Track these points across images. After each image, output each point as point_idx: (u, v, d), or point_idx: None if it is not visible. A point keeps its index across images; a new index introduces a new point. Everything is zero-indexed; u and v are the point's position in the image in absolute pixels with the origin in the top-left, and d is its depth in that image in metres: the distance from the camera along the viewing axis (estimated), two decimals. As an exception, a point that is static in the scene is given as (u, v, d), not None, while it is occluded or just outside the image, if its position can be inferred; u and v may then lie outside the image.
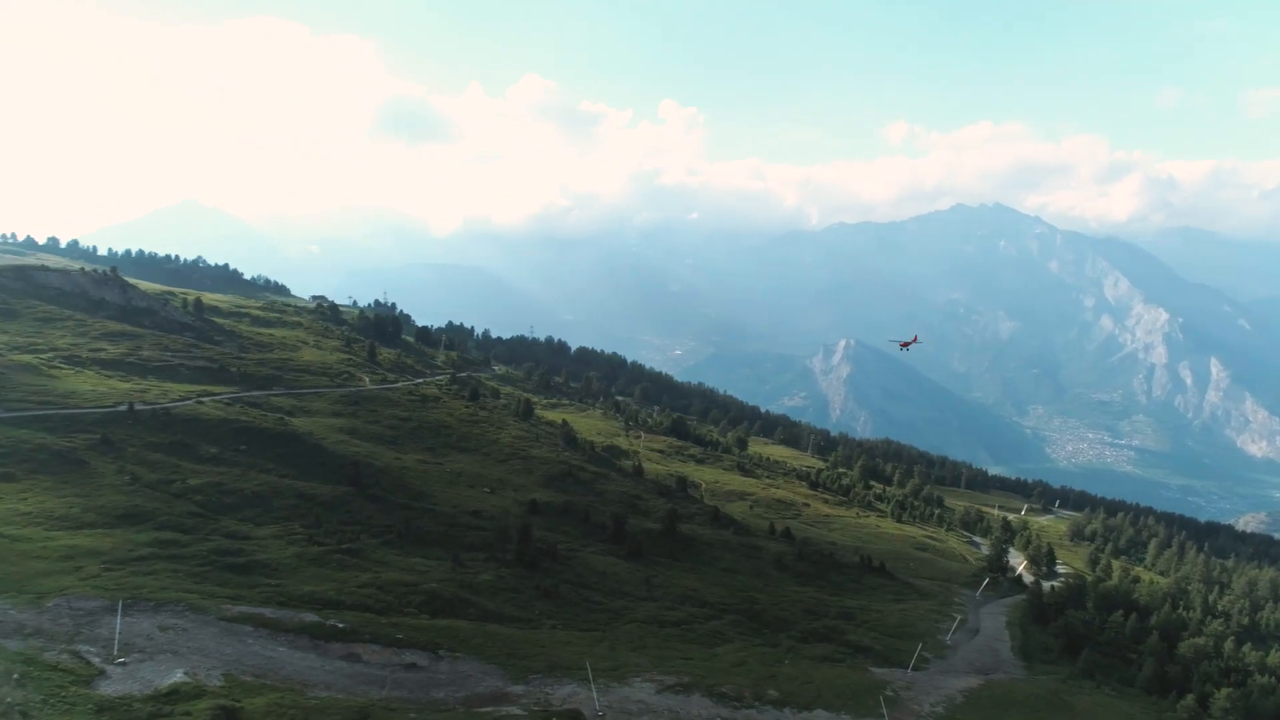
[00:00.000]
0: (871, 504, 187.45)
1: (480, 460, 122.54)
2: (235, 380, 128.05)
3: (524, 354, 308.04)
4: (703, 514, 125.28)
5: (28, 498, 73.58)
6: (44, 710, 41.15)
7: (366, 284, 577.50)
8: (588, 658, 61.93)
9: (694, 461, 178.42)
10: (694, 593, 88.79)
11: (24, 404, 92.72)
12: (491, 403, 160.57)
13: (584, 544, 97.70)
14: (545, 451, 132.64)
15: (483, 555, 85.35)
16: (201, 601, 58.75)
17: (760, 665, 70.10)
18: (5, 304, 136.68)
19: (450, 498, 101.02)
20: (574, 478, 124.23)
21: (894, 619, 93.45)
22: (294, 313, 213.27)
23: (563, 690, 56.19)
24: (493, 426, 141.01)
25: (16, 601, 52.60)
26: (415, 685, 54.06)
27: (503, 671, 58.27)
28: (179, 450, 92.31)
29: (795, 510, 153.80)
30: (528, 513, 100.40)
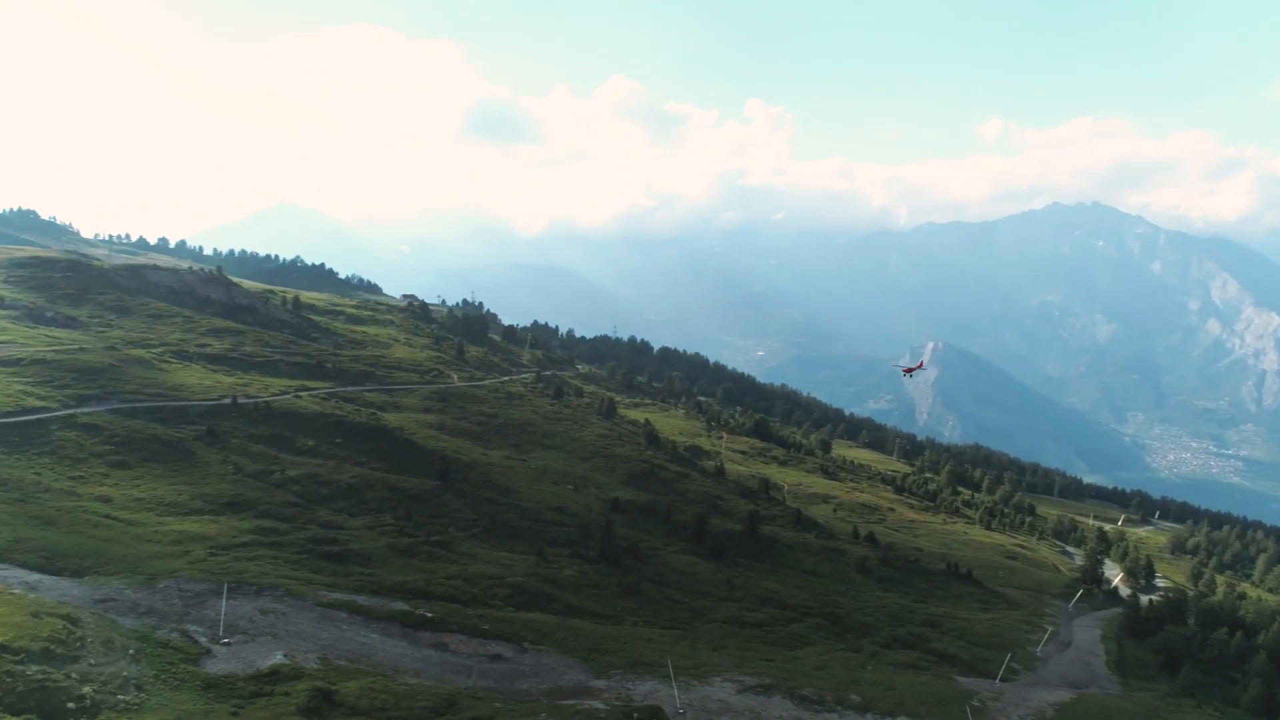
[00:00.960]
0: (959, 510, 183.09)
1: (564, 457, 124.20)
2: (331, 376, 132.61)
3: (607, 353, 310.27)
4: (785, 516, 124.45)
5: (141, 484, 77.79)
6: (156, 685, 43.62)
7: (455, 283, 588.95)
8: (669, 655, 62.38)
9: (776, 463, 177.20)
10: (775, 595, 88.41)
11: (137, 396, 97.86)
12: (575, 401, 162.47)
13: (665, 543, 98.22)
14: (628, 450, 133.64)
15: (566, 551, 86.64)
16: (299, 587, 61.30)
17: (842, 670, 69.47)
18: (120, 302, 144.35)
19: (535, 494, 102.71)
20: (656, 477, 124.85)
21: (981, 628, 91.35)
22: (386, 311, 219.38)
23: (644, 686, 56.76)
24: (576, 424, 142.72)
25: (131, 582, 55.81)
26: (500, 676, 55.36)
27: (585, 666, 59.18)
28: (278, 442, 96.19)
29: (880, 515, 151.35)
30: (610, 510, 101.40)
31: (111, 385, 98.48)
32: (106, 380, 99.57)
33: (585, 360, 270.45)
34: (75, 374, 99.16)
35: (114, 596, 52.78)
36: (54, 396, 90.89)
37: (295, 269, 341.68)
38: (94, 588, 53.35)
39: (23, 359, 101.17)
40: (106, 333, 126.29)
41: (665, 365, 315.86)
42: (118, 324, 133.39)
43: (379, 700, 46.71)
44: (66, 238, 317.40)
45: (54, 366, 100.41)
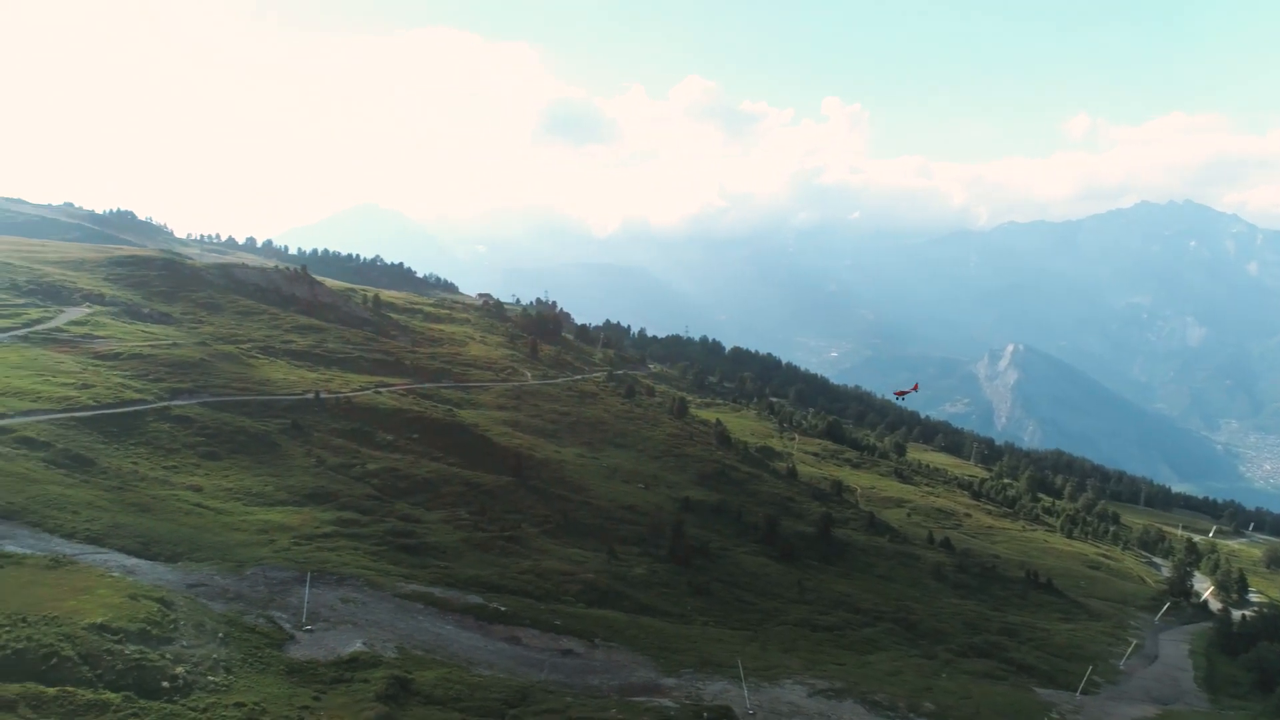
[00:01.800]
0: (1039, 517, 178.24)
1: (635, 456, 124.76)
2: (408, 373, 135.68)
3: (679, 353, 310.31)
4: (858, 519, 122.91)
5: (229, 475, 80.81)
6: (243, 668, 45.32)
7: (529, 283, 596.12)
8: (739, 656, 62.24)
9: (849, 466, 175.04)
10: (847, 598, 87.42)
11: (227, 389, 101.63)
12: (647, 400, 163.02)
13: (736, 543, 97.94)
14: (699, 450, 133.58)
15: (637, 549, 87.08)
16: (378, 578, 62.93)
17: (916, 676, 68.37)
18: (211, 299, 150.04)
19: (606, 492, 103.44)
20: (727, 477, 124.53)
21: (1062, 639, 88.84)
22: (462, 309, 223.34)
23: (713, 686, 56.75)
24: (648, 424, 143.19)
25: (220, 568, 58.07)
26: (572, 671, 55.98)
27: (655, 664, 59.44)
28: (359, 436, 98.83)
29: (956, 520, 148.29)
30: (681, 510, 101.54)
31: (202, 379, 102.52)
32: (198, 374, 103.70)
33: (657, 360, 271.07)
34: (169, 368, 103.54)
35: (204, 582, 54.98)
36: (150, 389, 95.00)
37: (375, 268, 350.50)
38: (186, 573, 55.64)
39: (121, 353, 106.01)
40: (198, 329, 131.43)
41: (737, 366, 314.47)
42: (208, 320, 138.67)
43: (454, 691, 47.71)
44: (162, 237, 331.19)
45: (150, 361, 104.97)
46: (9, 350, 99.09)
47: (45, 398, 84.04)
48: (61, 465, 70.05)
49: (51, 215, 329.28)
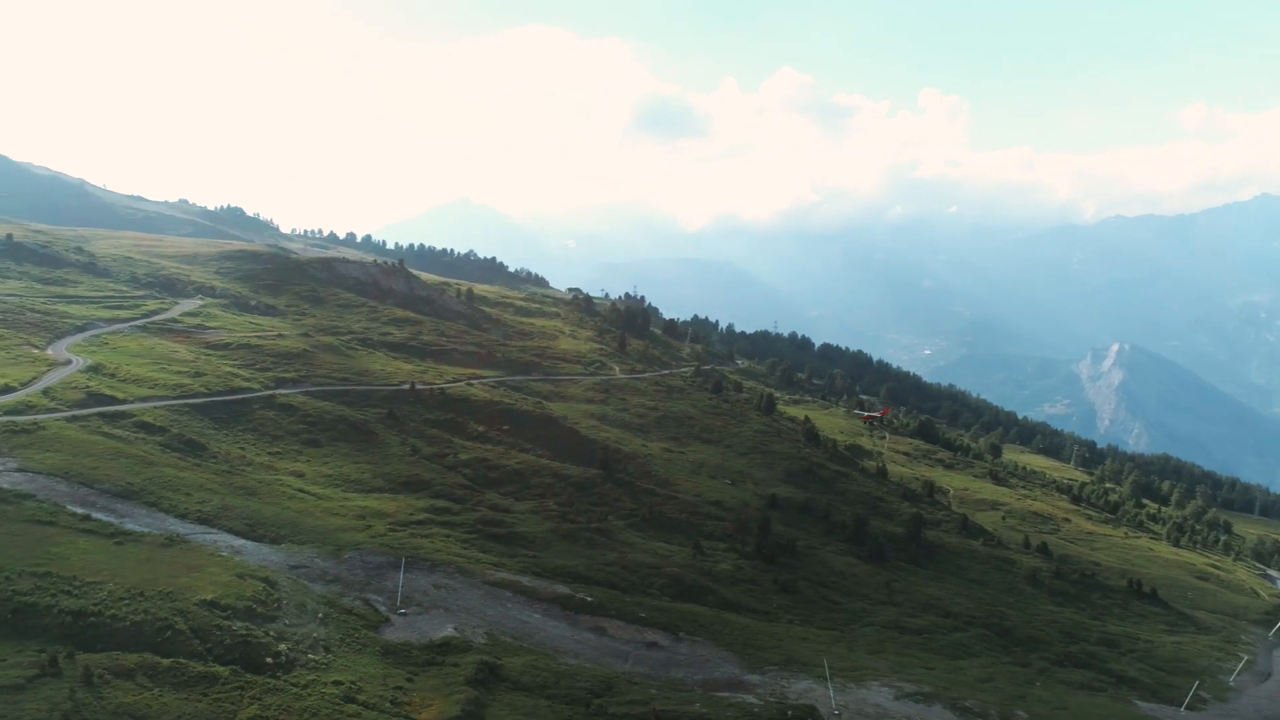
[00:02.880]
0: (1143, 524, 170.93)
1: (722, 452, 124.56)
2: (500, 365, 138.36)
3: (767, 349, 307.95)
4: (950, 521, 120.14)
5: (329, 462, 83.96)
6: (341, 647, 47.18)
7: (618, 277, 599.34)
8: (825, 656, 61.76)
9: (942, 466, 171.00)
10: (937, 601, 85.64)
11: (328, 380, 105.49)
12: (734, 396, 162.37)
13: (823, 542, 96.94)
14: (786, 447, 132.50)
15: (722, 545, 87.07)
16: (469, 565, 64.56)
17: (1009, 684, 66.61)
18: (314, 292, 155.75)
19: (692, 487, 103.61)
20: (815, 475, 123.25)
21: (1166, 651, 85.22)
22: (552, 304, 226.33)
23: (798, 685, 56.46)
24: (735, 419, 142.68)
25: (321, 551, 60.46)
26: (656, 663, 56.46)
27: (739, 660, 59.46)
28: (452, 427, 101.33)
29: (1054, 525, 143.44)
30: (767, 506, 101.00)
31: (305, 369, 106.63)
32: (301, 365, 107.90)
33: (745, 355, 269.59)
34: (275, 358, 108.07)
35: (306, 564, 57.36)
36: (257, 378, 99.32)
37: (469, 262, 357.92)
38: (289, 555, 58.13)
39: (231, 343, 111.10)
40: (301, 320, 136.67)
41: (826, 362, 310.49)
42: (311, 312, 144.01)
43: (540, 678, 48.69)
44: (268, 233, 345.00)
45: (257, 351, 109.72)
46: (129, 339, 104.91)
47: (161, 385, 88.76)
48: (176, 449, 73.95)
49: (168, 212, 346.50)
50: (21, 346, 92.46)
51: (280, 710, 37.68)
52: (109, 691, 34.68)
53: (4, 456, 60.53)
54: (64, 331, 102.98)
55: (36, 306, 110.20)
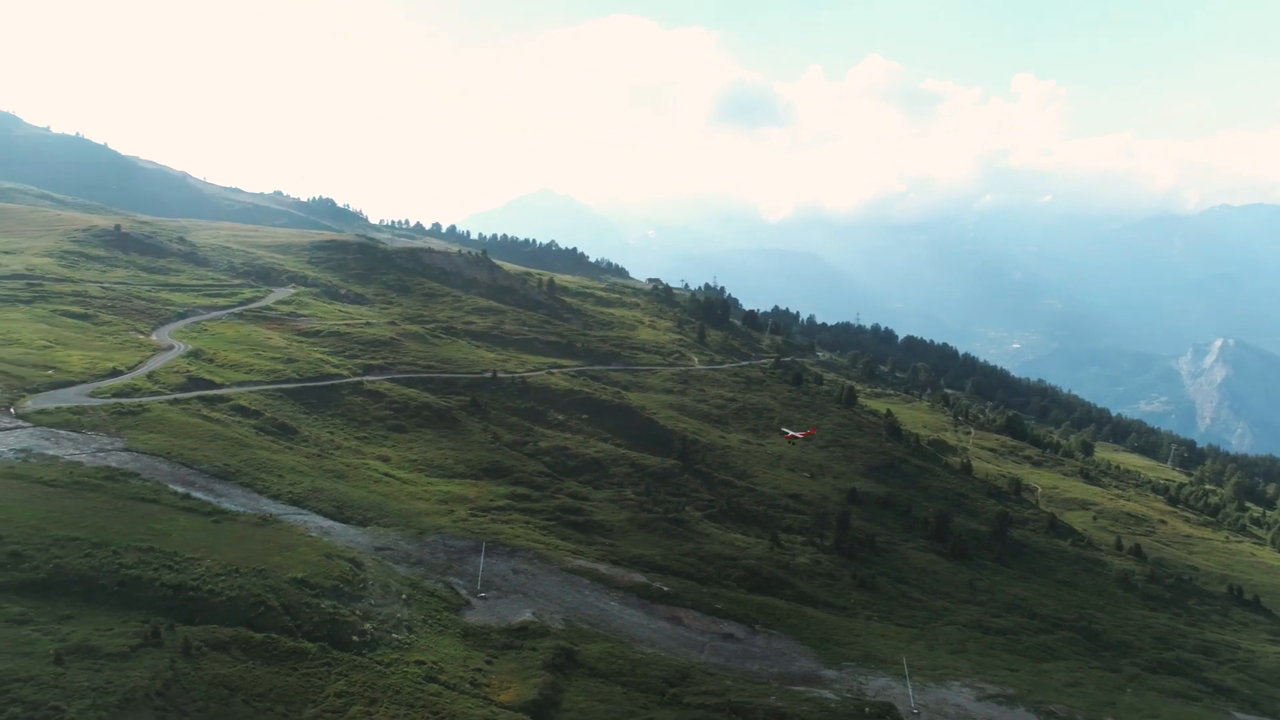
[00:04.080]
0: (1246, 528, 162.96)
1: (801, 445, 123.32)
2: (580, 355, 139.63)
3: (849, 341, 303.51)
4: (1037, 520, 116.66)
5: (414, 447, 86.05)
6: (423, 628, 48.43)
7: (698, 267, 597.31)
8: (904, 653, 60.81)
9: (1029, 464, 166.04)
10: (1023, 602, 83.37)
11: (412, 367, 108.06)
12: (814, 388, 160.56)
13: (904, 538, 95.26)
14: (867, 441, 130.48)
15: (800, 538, 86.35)
16: (547, 552, 65.49)
17: (1097, 689, 64.51)
18: (400, 281, 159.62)
19: (771, 479, 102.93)
20: (896, 470, 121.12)
21: (1269, 662, 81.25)
22: (632, 294, 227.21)
23: (876, 682, 55.73)
24: (815, 412, 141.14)
25: (405, 534, 62.09)
26: (732, 654, 56.41)
27: (816, 654, 58.96)
28: (532, 415, 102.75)
29: (1148, 526, 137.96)
30: (847, 501, 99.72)
31: (392, 357, 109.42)
32: (388, 352, 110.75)
33: (826, 347, 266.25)
34: (363, 345, 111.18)
35: (390, 546, 58.99)
36: (345, 365, 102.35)
37: (550, 252, 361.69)
38: (374, 537, 59.86)
39: (321, 330, 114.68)
40: (388, 309, 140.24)
41: (910, 355, 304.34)
42: (398, 301, 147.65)
43: (616, 665, 49.16)
44: (358, 223, 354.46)
45: (346, 338, 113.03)
46: (227, 326, 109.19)
47: (256, 370, 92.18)
48: (269, 432, 76.77)
49: (264, 203, 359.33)
50: (129, 332, 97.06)
51: (365, 687, 38.92)
52: (206, 663, 36.31)
53: (112, 436, 63.73)
54: (167, 318, 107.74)
55: (142, 294, 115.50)
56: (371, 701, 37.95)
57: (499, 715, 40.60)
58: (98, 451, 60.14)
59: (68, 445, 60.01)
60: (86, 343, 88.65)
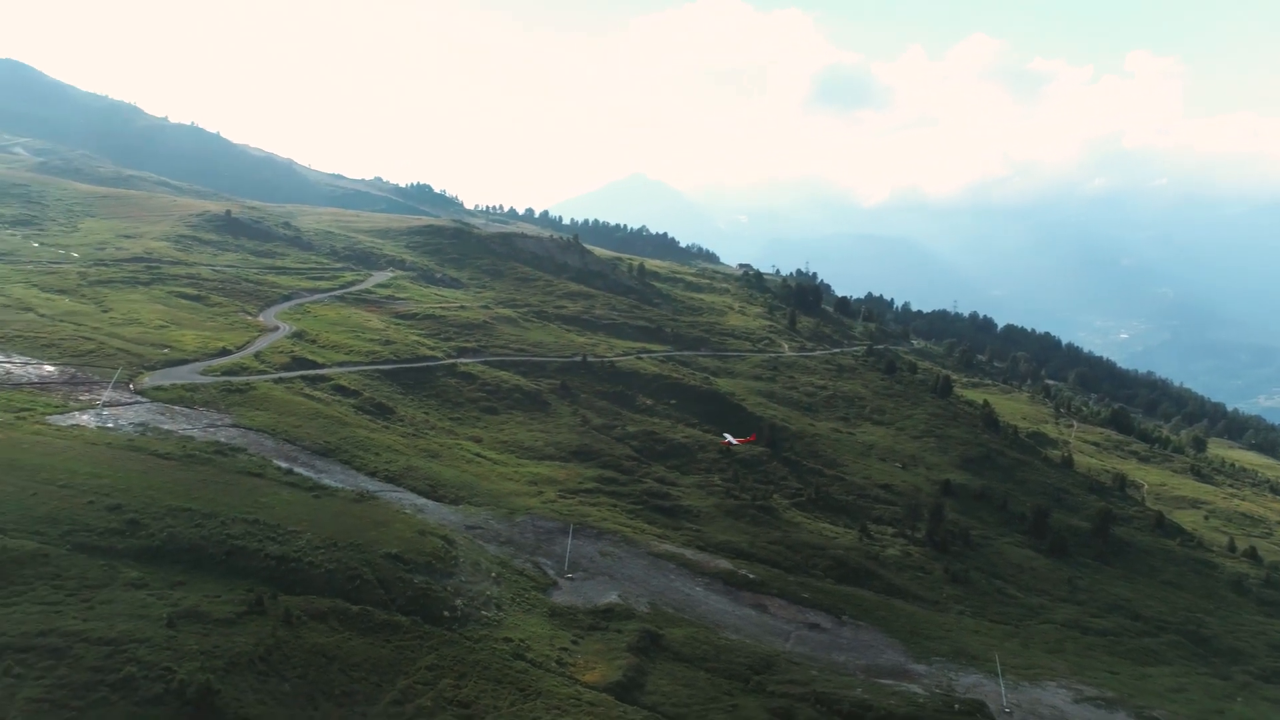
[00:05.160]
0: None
1: (893, 434, 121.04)
2: (669, 340, 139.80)
3: (945, 329, 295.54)
4: (1142, 518, 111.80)
5: (505, 429, 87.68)
6: (512, 606, 49.38)
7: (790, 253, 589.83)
8: (997, 651, 59.22)
9: (1136, 459, 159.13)
10: (1125, 603, 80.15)
11: (504, 350, 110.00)
12: (908, 377, 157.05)
13: (999, 533, 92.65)
14: (962, 432, 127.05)
15: (891, 530, 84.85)
16: (634, 535, 65.94)
17: (1204, 697, 61.59)
18: (494, 266, 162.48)
19: (861, 469, 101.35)
20: (992, 462, 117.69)
21: (1398, 676, 76.20)
22: (722, 279, 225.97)
23: (967, 679, 54.43)
24: (908, 401, 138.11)
25: (495, 514, 63.38)
26: (817, 644, 55.87)
27: (905, 648, 57.91)
28: (620, 399, 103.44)
29: (1266, 528, 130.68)
30: (940, 493, 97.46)
31: (485, 340, 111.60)
32: (481, 335, 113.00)
33: (921, 335, 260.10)
34: (457, 328, 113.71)
35: (481, 525, 60.29)
36: (440, 347, 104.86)
37: (641, 238, 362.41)
38: (466, 516, 61.27)
39: (418, 314, 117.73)
40: (482, 293, 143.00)
41: (1009, 344, 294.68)
42: (491, 285, 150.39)
43: (701, 650, 49.24)
44: (453, 208, 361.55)
45: (441, 321, 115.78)
46: (328, 308, 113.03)
47: (356, 351, 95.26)
48: (368, 411, 79.28)
49: (364, 189, 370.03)
50: (237, 313, 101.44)
51: (454, 662, 39.94)
52: (305, 632, 37.80)
53: (221, 413, 66.78)
54: (273, 300, 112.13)
55: (250, 277, 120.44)
56: (460, 676, 38.93)
57: (584, 695, 41.16)
58: (208, 427, 63.12)
59: (181, 420, 63.15)
60: (199, 323, 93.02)
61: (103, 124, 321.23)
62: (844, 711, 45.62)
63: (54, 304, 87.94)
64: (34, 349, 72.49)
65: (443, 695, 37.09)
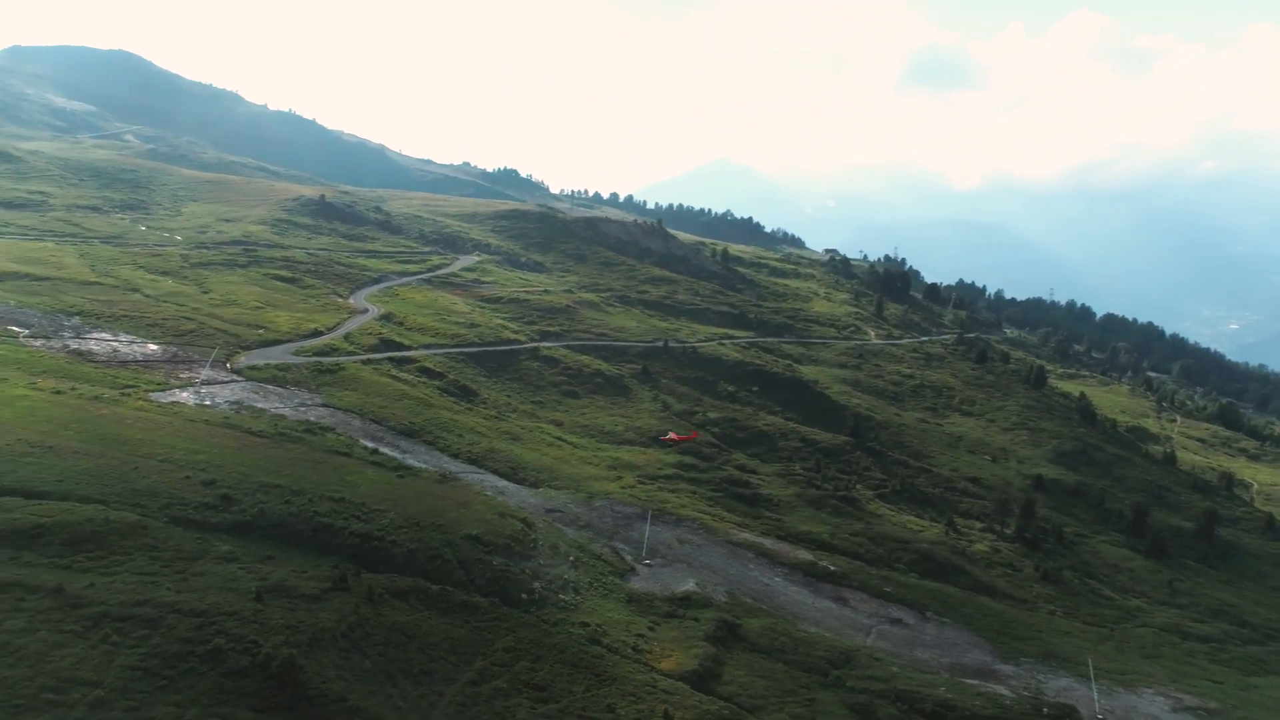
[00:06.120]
0: None
1: (983, 426, 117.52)
2: (752, 326, 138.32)
3: (1040, 317, 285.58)
4: (1251, 519, 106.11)
5: (585, 413, 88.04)
6: (589, 591, 49.46)
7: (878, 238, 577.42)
8: (1090, 654, 56.88)
9: (1245, 457, 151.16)
10: (1230, 608, 76.23)
11: (586, 335, 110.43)
12: (1000, 367, 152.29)
13: (1094, 531, 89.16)
14: (1057, 425, 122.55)
15: (979, 524, 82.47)
16: (713, 523, 65.41)
17: (1317, 711, 58.07)
18: (578, 250, 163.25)
19: (948, 460, 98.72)
20: (1088, 457, 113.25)
21: None
22: (807, 265, 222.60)
23: (1057, 682, 52.41)
24: (999, 392, 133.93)
25: (574, 498, 63.63)
26: (899, 640, 54.53)
27: (991, 647, 56.11)
28: (701, 385, 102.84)
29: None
30: (1032, 488, 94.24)
31: (567, 324, 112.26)
32: (564, 319, 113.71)
33: (1014, 324, 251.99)
34: (541, 312, 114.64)
35: (560, 508, 60.60)
36: (524, 331, 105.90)
37: (725, 222, 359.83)
38: (545, 499, 61.67)
39: (502, 297, 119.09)
40: (565, 277, 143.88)
41: (1108, 334, 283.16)
42: (574, 269, 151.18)
43: (778, 642, 48.51)
44: (539, 193, 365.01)
45: (525, 305, 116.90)
46: (415, 291, 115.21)
47: (441, 334, 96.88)
48: (452, 394, 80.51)
49: (452, 174, 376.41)
50: (329, 296, 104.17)
51: (531, 644, 40.13)
52: (386, 609, 38.44)
53: (312, 393, 68.62)
54: (363, 282, 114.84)
55: (342, 260, 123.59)
56: (537, 659, 39.09)
57: (659, 682, 40.92)
58: (299, 406, 64.92)
59: (274, 399, 65.11)
60: (292, 304, 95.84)
61: (206, 111, 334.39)
62: (926, 711, 44.43)
63: (158, 285, 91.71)
64: (139, 328, 75.70)
65: (518, 678, 37.31)
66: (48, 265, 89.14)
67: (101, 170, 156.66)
